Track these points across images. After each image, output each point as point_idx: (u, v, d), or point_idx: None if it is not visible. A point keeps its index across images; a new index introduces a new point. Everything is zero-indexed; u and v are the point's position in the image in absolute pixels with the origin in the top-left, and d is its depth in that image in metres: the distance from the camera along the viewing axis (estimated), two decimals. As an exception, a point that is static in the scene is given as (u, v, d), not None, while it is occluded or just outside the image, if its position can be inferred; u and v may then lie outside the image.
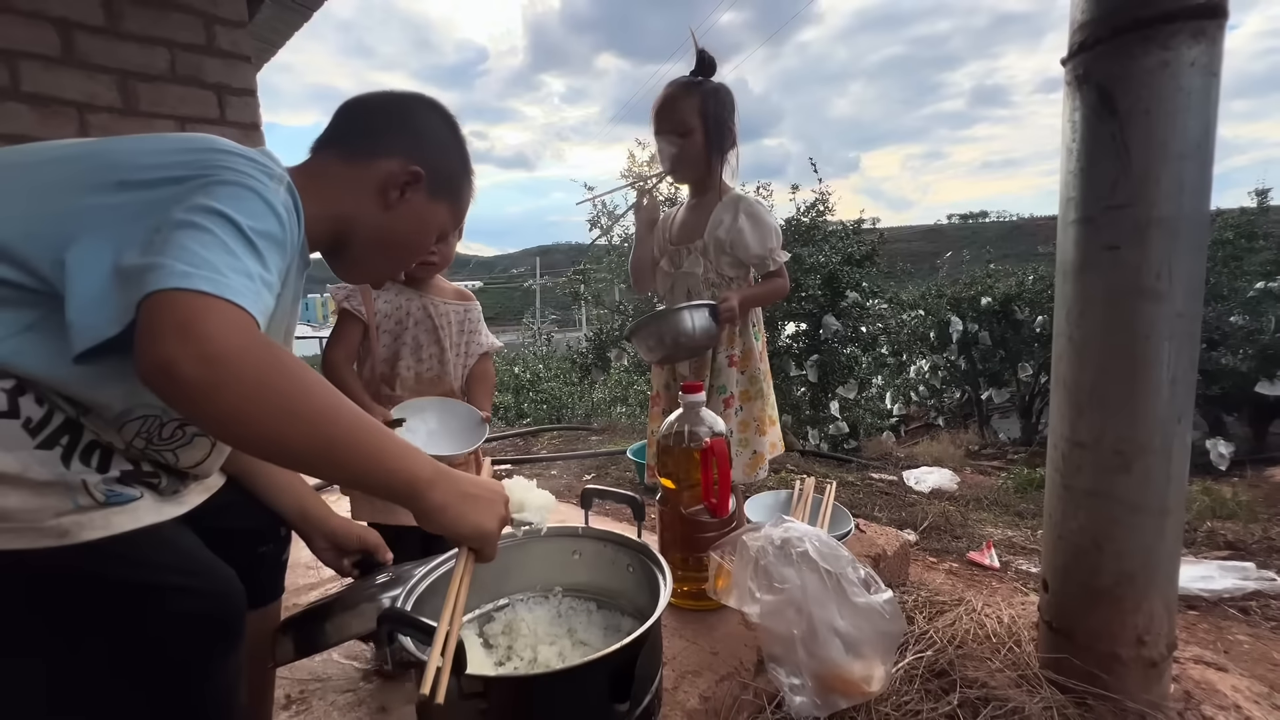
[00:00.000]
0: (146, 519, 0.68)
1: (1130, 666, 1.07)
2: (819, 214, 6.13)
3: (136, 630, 0.66)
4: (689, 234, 1.68)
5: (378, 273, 0.97)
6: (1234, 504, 3.21)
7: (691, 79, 1.60)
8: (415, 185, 0.87)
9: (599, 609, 1.12)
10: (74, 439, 0.64)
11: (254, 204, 0.64)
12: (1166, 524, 1.04)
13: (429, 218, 0.91)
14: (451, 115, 0.95)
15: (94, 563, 0.63)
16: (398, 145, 0.86)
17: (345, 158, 0.85)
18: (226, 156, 0.66)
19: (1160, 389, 0.99)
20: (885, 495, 3.42)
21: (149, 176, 0.64)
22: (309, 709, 1.28)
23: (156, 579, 0.67)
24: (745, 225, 1.60)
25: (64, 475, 0.63)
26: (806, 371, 5.76)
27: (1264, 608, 1.87)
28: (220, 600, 0.71)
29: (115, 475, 0.67)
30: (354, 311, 1.48)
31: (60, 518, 0.62)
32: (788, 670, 1.07)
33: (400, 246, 0.92)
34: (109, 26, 2.78)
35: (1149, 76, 0.91)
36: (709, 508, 1.29)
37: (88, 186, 0.64)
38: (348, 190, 0.84)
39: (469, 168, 0.98)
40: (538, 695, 0.79)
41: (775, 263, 1.64)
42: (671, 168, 1.63)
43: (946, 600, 1.52)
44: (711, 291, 1.64)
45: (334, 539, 1.01)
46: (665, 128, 1.59)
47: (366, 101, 0.89)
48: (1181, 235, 0.95)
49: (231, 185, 0.64)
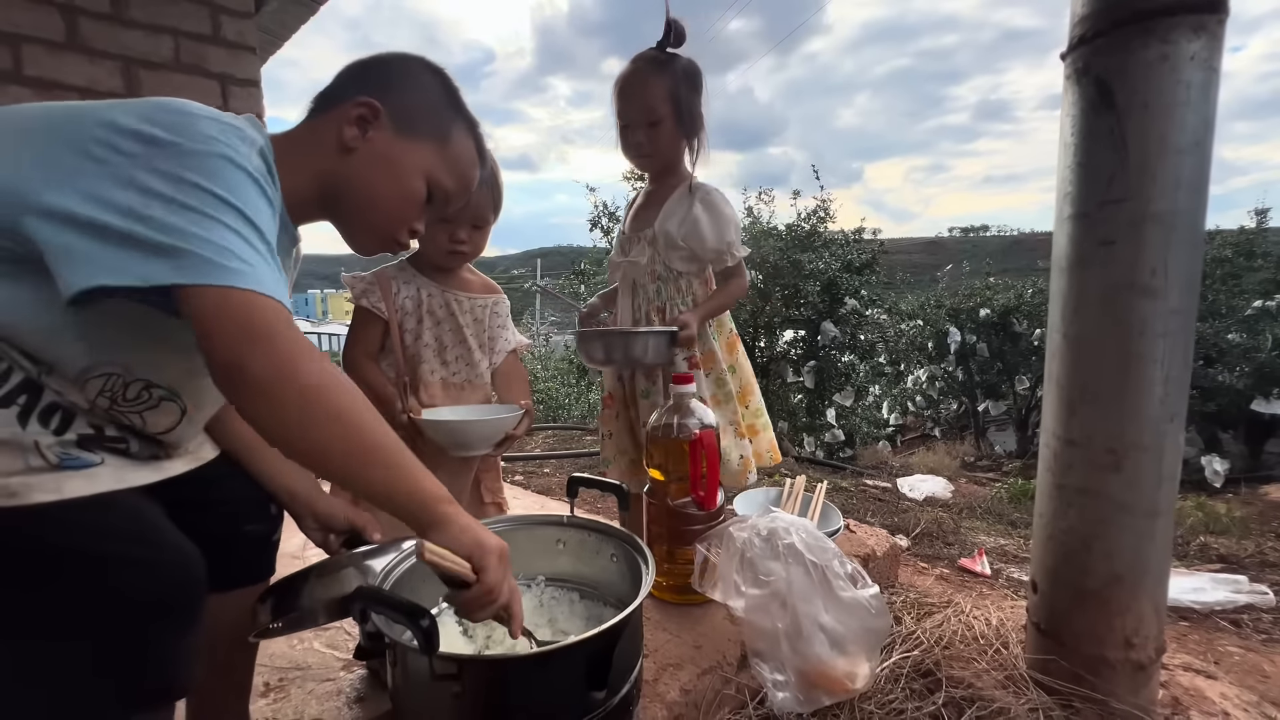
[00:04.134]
0: (105, 485, 0.66)
1: (1118, 669, 1.05)
2: (820, 221, 6.14)
3: (71, 597, 0.62)
4: (641, 222, 1.57)
5: (373, 233, 0.90)
6: (1228, 519, 3.20)
7: (660, 53, 1.44)
8: (375, 122, 0.82)
9: (582, 599, 1.10)
10: (33, 398, 0.63)
11: (239, 179, 0.63)
12: (1157, 525, 1.03)
13: (401, 157, 0.84)
14: (435, 64, 0.90)
15: (36, 526, 0.61)
16: (355, 88, 0.83)
17: (313, 117, 0.84)
18: (201, 121, 0.64)
19: (1153, 387, 0.98)
20: (879, 501, 3.41)
21: (115, 134, 0.61)
22: (287, 696, 1.26)
23: (100, 548, 0.63)
24: (701, 216, 1.47)
25: (17, 435, 0.61)
26: (804, 378, 5.75)
27: (1255, 620, 1.86)
28: (169, 574, 0.67)
29: (72, 439, 0.65)
30: (372, 309, 1.35)
31: (9, 478, 0.60)
32: (771, 666, 1.06)
33: (378, 194, 0.85)
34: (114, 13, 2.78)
35: (1148, 70, 0.90)
36: (697, 500, 1.28)
37: (49, 139, 0.62)
38: (316, 147, 0.81)
39: (462, 110, 0.91)
40: (512, 679, 0.77)
41: (734, 258, 1.51)
42: (637, 157, 1.52)
43: (935, 602, 1.50)
44: (657, 285, 1.55)
45: (322, 519, 0.99)
46: (633, 115, 1.46)
47: (347, 64, 0.88)
48: (1177, 232, 0.94)
49: (215, 158, 0.63)
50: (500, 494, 1.55)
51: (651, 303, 1.57)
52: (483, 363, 1.44)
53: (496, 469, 1.54)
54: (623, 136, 1.50)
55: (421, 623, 0.67)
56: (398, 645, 0.77)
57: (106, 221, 0.58)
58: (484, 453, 1.35)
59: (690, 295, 1.56)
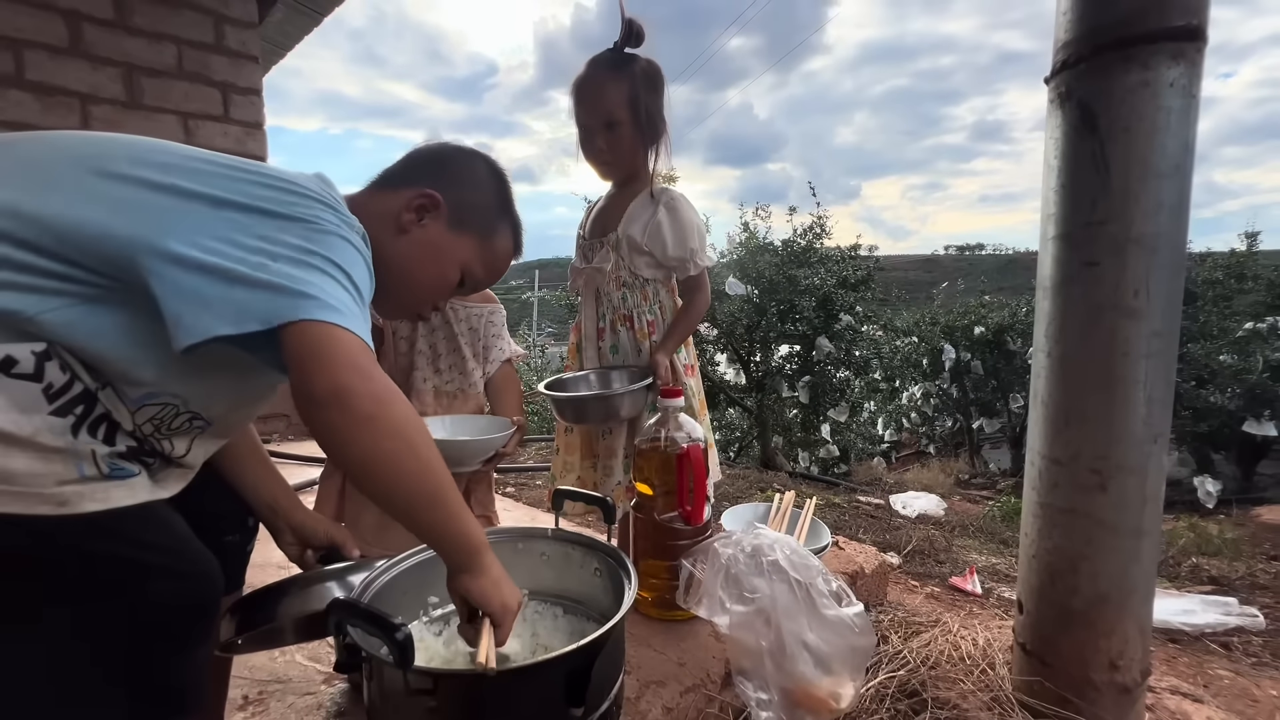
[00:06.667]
0: (142, 496, 0.68)
1: (1103, 692, 1.05)
2: (816, 236, 6.19)
3: (117, 605, 0.65)
4: (603, 227, 1.52)
5: (401, 306, 0.98)
6: (1219, 541, 3.20)
7: (618, 54, 1.40)
8: (433, 212, 0.89)
9: (565, 614, 1.09)
10: (87, 409, 0.64)
11: (351, 256, 0.70)
12: (1142, 545, 1.03)
13: (447, 248, 0.91)
14: (498, 164, 0.99)
15: (86, 535, 0.63)
16: (424, 176, 0.90)
17: (379, 189, 0.91)
18: (316, 206, 0.70)
19: (1137, 407, 0.98)
20: (871, 518, 3.40)
21: (228, 196, 0.66)
22: (266, 710, 1.24)
23: (143, 556, 0.67)
24: (664, 220, 1.43)
25: (73, 444, 0.62)
26: (798, 393, 5.76)
27: (1245, 644, 1.85)
28: (202, 583, 0.71)
29: (120, 450, 0.67)
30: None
31: (63, 486, 0.61)
32: (755, 684, 1.05)
33: (417, 276, 0.92)
34: (118, 20, 2.81)
35: (1129, 95, 0.92)
36: (683, 515, 1.28)
37: (148, 184, 0.65)
38: (374, 219, 0.85)
39: (510, 212, 0.99)
40: (488, 694, 0.76)
41: (696, 266, 1.46)
42: (598, 163, 1.47)
43: (923, 621, 1.50)
44: (623, 292, 1.50)
45: (301, 533, 0.99)
46: (591, 119, 1.41)
47: (420, 147, 0.95)
48: (1159, 254, 0.95)
49: (332, 236, 0.69)
50: (491, 506, 1.54)
51: (617, 311, 1.52)
52: (476, 372, 1.44)
53: (488, 482, 1.54)
54: (582, 141, 1.46)
55: (396, 636, 0.66)
56: (373, 659, 0.76)
57: (233, 268, 0.62)
58: (474, 469, 1.34)
59: (658, 303, 1.52)
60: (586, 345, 1.61)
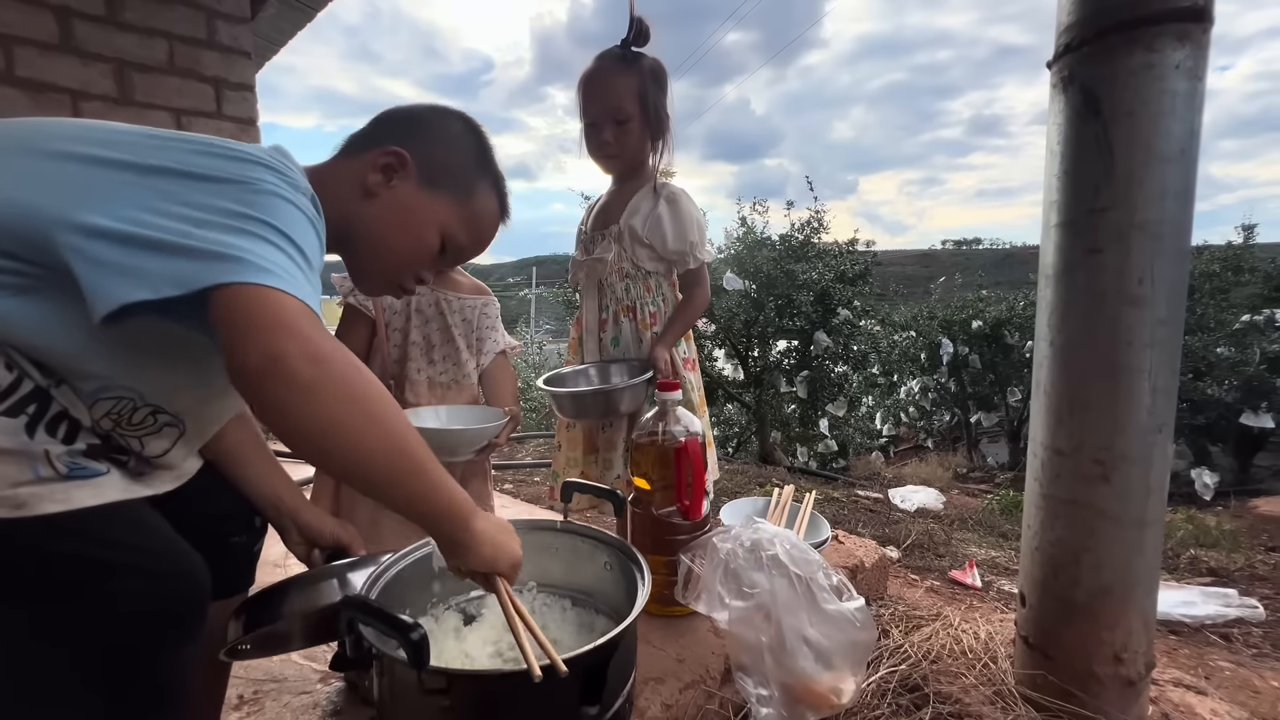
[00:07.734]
0: (111, 495, 0.65)
1: (1107, 685, 1.04)
2: (813, 231, 6.17)
3: (82, 605, 0.62)
4: (605, 220, 1.53)
5: (380, 278, 0.91)
6: (1218, 533, 3.20)
7: (626, 51, 1.40)
8: (401, 171, 0.83)
9: (573, 606, 1.08)
10: (41, 408, 0.62)
11: (293, 216, 0.64)
12: (1145, 537, 1.01)
13: (420, 210, 0.85)
14: (472, 119, 0.92)
15: (46, 535, 0.60)
16: (390, 136, 0.84)
17: (344, 156, 0.86)
18: (257, 168, 0.65)
19: (1142, 397, 0.97)
20: (870, 513, 3.40)
21: (157, 163, 0.62)
22: (261, 710, 1.22)
23: (109, 556, 0.63)
24: (664, 214, 1.44)
25: (27, 444, 0.60)
26: (797, 388, 5.75)
27: (1246, 635, 1.84)
28: (177, 585, 0.67)
29: (81, 448, 0.64)
30: (360, 307, 1.34)
31: (18, 488, 0.58)
32: (755, 680, 1.03)
33: (390, 243, 0.85)
34: (109, 16, 2.78)
35: (1133, 78, 0.90)
36: (681, 509, 1.26)
37: (75, 157, 0.62)
38: (342, 186, 0.82)
39: (490, 169, 0.92)
40: (503, 694, 0.75)
41: (696, 260, 1.46)
42: (603, 157, 1.47)
43: (924, 615, 1.48)
44: (626, 284, 1.50)
45: (308, 532, 0.97)
46: (600, 113, 1.42)
47: (389, 109, 0.90)
48: (1164, 240, 0.93)
49: (270, 196, 0.63)
50: (488, 500, 1.53)
51: (620, 302, 1.53)
52: (470, 363, 1.43)
53: (484, 475, 1.52)
54: (588, 135, 1.46)
55: (412, 636, 0.65)
56: (386, 657, 0.75)
57: (152, 235, 0.58)
58: (467, 458, 1.33)
59: (660, 295, 1.52)
60: (587, 338, 1.60)
